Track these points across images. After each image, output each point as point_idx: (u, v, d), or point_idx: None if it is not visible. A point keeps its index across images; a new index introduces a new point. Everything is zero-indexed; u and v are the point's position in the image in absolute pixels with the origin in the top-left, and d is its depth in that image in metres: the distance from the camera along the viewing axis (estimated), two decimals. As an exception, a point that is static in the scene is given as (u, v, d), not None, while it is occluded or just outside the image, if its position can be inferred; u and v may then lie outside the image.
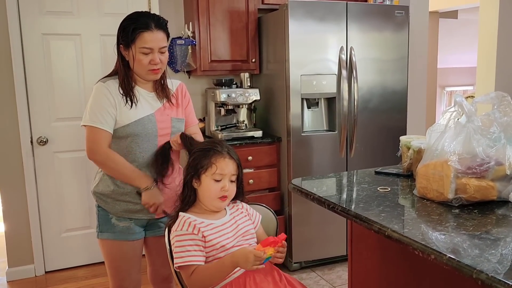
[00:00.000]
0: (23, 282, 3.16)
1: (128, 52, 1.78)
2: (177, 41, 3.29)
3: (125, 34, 1.76)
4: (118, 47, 1.81)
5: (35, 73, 3.10)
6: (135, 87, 1.83)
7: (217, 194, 1.53)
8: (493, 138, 1.39)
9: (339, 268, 3.23)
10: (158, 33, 1.76)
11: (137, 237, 1.90)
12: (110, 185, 1.84)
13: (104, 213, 1.87)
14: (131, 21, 1.77)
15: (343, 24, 3.08)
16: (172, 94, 1.92)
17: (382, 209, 1.40)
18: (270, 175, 3.19)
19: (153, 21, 1.77)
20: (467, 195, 1.37)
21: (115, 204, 1.85)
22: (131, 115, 1.79)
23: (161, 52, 1.78)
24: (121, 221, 1.86)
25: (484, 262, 1.00)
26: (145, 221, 1.91)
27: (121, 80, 1.80)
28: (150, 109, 1.83)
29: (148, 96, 1.85)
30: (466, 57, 7.90)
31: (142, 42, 1.74)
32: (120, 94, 1.79)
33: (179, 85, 1.99)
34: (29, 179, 3.13)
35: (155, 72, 1.80)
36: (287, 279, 1.51)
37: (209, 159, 1.54)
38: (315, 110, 3.23)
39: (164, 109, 1.87)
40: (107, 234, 1.87)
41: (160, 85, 1.88)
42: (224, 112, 3.28)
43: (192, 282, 1.47)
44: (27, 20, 3.04)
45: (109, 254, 1.89)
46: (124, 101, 1.79)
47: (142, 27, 1.74)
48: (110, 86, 1.79)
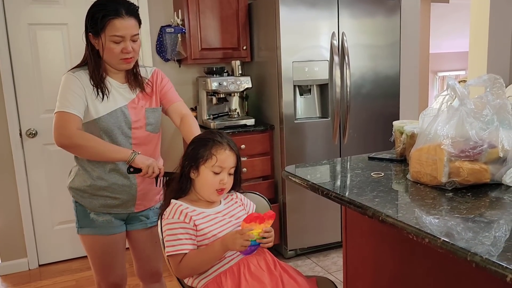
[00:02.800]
0: (16, 276, 3.15)
1: (98, 41, 1.68)
2: (167, 29, 3.24)
3: (94, 22, 1.66)
4: (86, 36, 1.72)
5: (22, 65, 3.05)
6: (106, 78, 1.75)
7: (215, 187, 1.51)
8: (486, 121, 1.38)
9: (334, 255, 3.24)
10: (130, 20, 1.67)
11: (118, 230, 1.85)
12: (86, 180, 1.77)
13: (81, 208, 1.81)
14: (99, 8, 1.67)
15: (335, 10, 3.05)
16: (147, 81, 1.84)
17: (376, 194, 1.39)
18: (264, 163, 3.18)
19: (123, 7, 1.67)
20: (461, 178, 1.36)
21: (93, 199, 1.78)
22: (102, 108, 1.71)
23: (133, 40, 1.69)
24: (100, 216, 1.80)
25: (478, 244, 1.00)
26: (125, 215, 1.87)
27: (91, 70, 1.72)
28: (122, 101, 1.76)
29: (120, 88, 1.78)
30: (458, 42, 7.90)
31: (112, 30, 1.64)
32: (90, 85, 1.70)
33: (153, 72, 1.90)
34: (19, 172, 3.10)
35: (127, 62, 1.71)
36: (282, 266, 1.50)
37: (210, 150, 1.50)
38: (308, 97, 3.22)
39: (138, 100, 1.80)
40: (87, 229, 1.81)
41: (133, 75, 1.80)
42: (215, 100, 3.26)
43: (181, 269, 1.46)
44: (12, 10, 2.98)
45: (91, 249, 1.84)
46: (96, 93, 1.71)
47: (112, 14, 1.64)
48: (80, 76, 1.71)
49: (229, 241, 1.41)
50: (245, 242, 1.39)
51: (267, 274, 1.44)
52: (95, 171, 1.76)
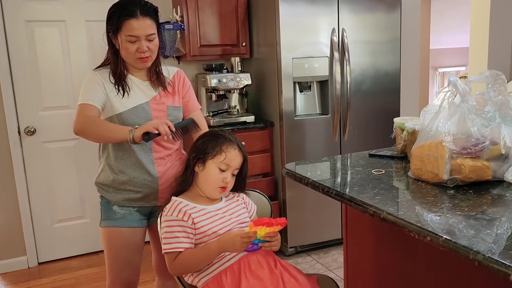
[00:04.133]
0: (16, 274, 3.14)
1: (116, 40, 1.74)
2: (165, 25, 3.22)
3: (112, 22, 1.72)
4: (108, 35, 1.77)
5: (20, 62, 3.03)
6: (127, 75, 1.80)
7: (218, 184, 1.51)
8: (487, 117, 1.37)
9: (335, 252, 3.23)
10: (145, 20, 1.71)
11: (138, 224, 1.87)
12: (110, 175, 1.82)
13: (106, 201, 1.86)
14: (117, 8, 1.72)
15: (335, 6, 3.03)
16: (168, 82, 1.87)
17: (377, 191, 1.38)
18: (263, 160, 3.16)
19: (139, 7, 1.71)
20: (462, 175, 1.35)
21: (117, 194, 1.82)
22: (123, 104, 1.75)
23: (149, 40, 1.73)
24: (122, 209, 1.83)
25: (480, 242, 0.99)
26: (148, 209, 1.88)
27: (113, 69, 1.77)
28: (144, 98, 1.80)
29: (142, 85, 1.82)
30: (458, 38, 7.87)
31: (127, 30, 1.69)
32: (111, 82, 1.76)
33: (176, 73, 1.93)
34: (18, 170, 3.09)
35: (143, 61, 1.75)
36: (282, 265, 1.50)
37: (220, 146, 1.52)
38: (308, 94, 3.20)
39: (160, 98, 1.83)
40: (108, 221, 1.84)
41: (155, 73, 1.83)
42: (215, 97, 3.24)
43: (175, 267, 1.46)
44: (9, 7, 2.96)
45: (109, 241, 1.85)
46: (116, 90, 1.75)
47: (127, 14, 1.69)
48: (102, 74, 1.77)
49: (227, 244, 1.40)
50: (245, 245, 1.38)
51: (267, 272, 1.43)
52: (117, 166, 1.80)
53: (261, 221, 1.41)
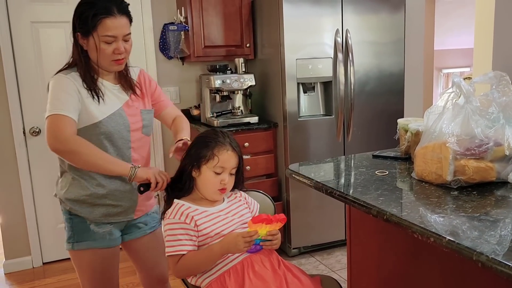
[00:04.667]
0: (20, 274, 3.16)
1: (88, 41, 1.58)
2: (170, 26, 3.24)
3: (83, 21, 1.56)
4: (74, 36, 1.61)
5: (25, 63, 3.05)
6: (98, 79, 1.66)
7: (216, 186, 1.51)
8: (491, 118, 1.37)
9: (338, 253, 3.23)
10: (121, 19, 1.58)
11: (118, 242, 1.76)
12: (85, 189, 1.64)
13: (79, 220, 1.68)
14: (88, 6, 1.56)
15: (338, 6, 3.03)
16: (135, 83, 1.76)
17: (381, 192, 1.38)
18: (267, 161, 3.17)
19: (115, 4, 1.57)
20: (466, 176, 1.35)
21: (93, 209, 1.66)
22: (101, 111, 1.61)
23: (125, 40, 1.61)
24: (101, 227, 1.69)
25: (484, 243, 0.99)
26: (123, 224, 1.77)
27: (82, 73, 1.61)
28: (118, 103, 1.67)
29: (114, 89, 1.69)
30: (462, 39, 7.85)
31: (104, 30, 1.55)
32: (84, 88, 1.60)
33: (139, 73, 1.82)
34: (23, 170, 3.10)
35: (119, 63, 1.63)
36: (286, 266, 1.50)
37: (212, 150, 1.49)
38: (311, 95, 3.20)
39: (132, 102, 1.72)
40: (86, 243, 1.68)
41: (124, 76, 1.72)
42: (219, 98, 3.25)
43: (178, 269, 1.46)
44: (15, 8, 2.97)
45: (90, 265, 1.71)
46: (91, 96, 1.60)
47: (103, 12, 1.54)
48: (74, 78, 1.60)
49: (230, 245, 1.40)
50: (247, 245, 1.38)
51: (271, 273, 1.43)
52: (94, 179, 1.64)
53: (260, 217, 1.40)
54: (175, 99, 3.48)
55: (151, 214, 1.88)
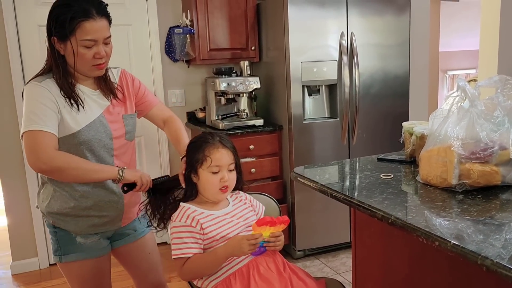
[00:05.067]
0: (27, 275, 3.18)
1: (65, 46, 1.48)
2: (175, 30, 3.26)
3: (60, 25, 1.45)
4: (49, 40, 1.51)
5: (32, 65, 3.07)
6: (76, 85, 1.55)
7: (217, 186, 1.51)
8: (496, 122, 1.37)
9: (343, 255, 3.23)
10: (101, 21, 1.48)
11: (106, 251, 1.71)
12: (67, 201, 1.57)
13: (64, 233, 1.61)
14: (65, 8, 1.46)
15: (343, 9, 3.04)
16: (116, 87, 1.66)
17: (385, 196, 1.39)
18: (272, 163, 3.18)
19: (93, 6, 1.47)
20: (471, 180, 1.35)
21: (78, 222, 1.60)
22: (80, 120, 1.53)
23: (105, 43, 1.51)
24: (88, 238, 1.63)
25: (489, 247, 0.99)
26: (111, 233, 1.72)
27: (59, 80, 1.51)
28: (98, 109, 1.59)
29: (93, 95, 1.60)
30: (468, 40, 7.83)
31: (83, 34, 1.45)
32: (61, 96, 1.50)
33: (121, 73, 1.71)
34: (30, 172, 3.13)
35: (100, 68, 1.54)
36: (291, 268, 1.50)
37: (203, 152, 1.50)
38: (316, 97, 3.21)
39: (113, 107, 1.63)
40: (74, 255, 1.62)
41: (103, 80, 1.62)
42: (224, 101, 3.26)
43: (184, 272, 1.47)
44: (22, 12, 3.01)
45: (80, 277, 1.65)
46: (69, 105, 1.51)
47: (82, 15, 1.44)
48: (49, 86, 1.49)
49: (234, 248, 1.40)
50: (252, 247, 1.39)
51: (276, 275, 1.44)
52: (77, 190, 1.58)
53: (264, 220, 1.41)
54: (181, 101, 3.50)
55: (140, 219, 1.83)
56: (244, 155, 3.01)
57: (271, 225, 1.41)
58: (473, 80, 6.51)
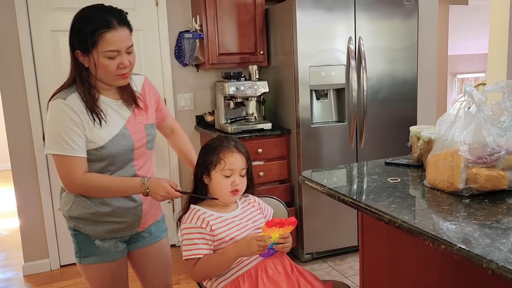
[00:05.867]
0: (39, 276, 3.22)
1: (88, 58, 1.48)
2: (185, 34, 3.30)
3: (82, 38, 1.45)
4: (73, 53, 1.51)
5: (45, 70, 3.13)
6: (99, 98, 1.56)
7: (228, 189, 1.54)
8: (503, 127, 1.38)
9: (351, 259, 3.23)
10: (123, 31, 1.48)
11: (124, 254, 1.74)
12: (87, 207, 1.60)
13: (84, 236, 1.65)
14: (86, 21, 1.46)
15: (351, 14, 3.06)
16: (138, 95, 1.66)
17: (392, 200, 1.40)
18: (280, 167, 3.19)
19: (114, 16, 1.47)
20: (478, 185, 1.36)
21: (97, 227, 1.63)
22: (103, 135, 1.54)
23: (128, 53, 1.52)
24: (106, 242, 1.67)
25: (495, 251, 1.00)
26: (128, 236, 1.74)
27: (83, 93, 1.51)
28: (121, 121, 1.59)
29: (115, 105, 1.60)
30: (477, 44, 7.79)
31: (106, 45, 1.45)
32: (85, 111, 1.52)
33: (144, 82, 1.72)
34: (42, 174, 3.18)
35: (124, 77, 1.53)
36: (299, 271, 1.52)
37: (218, 155, 1.53)
38: (324, 101, 3.22)
39: (135, 117, 1.63)
40: (93, 258, 1.66)
41: (126, 90, 1.62)
42: (233, 105, 3.29)
43: (195, 273, 1.50)
44: (35, 17, 3.06)
45: (98, 279, 1.70)
46: (92, 120, 1.52)
47: (103, 26, 1.44)
48: (72, 104, 1.50)
49: (244, 248, 1.43)
50: (261, 248, 1.41)
51: (284, 278, 1.46)
52: (97, 198, 1.61)
53: (273, 221, 1.43)
54: (190, 105, 3.54)
55: (157, 223, 1.84)
56: (252, 158, 2.99)
57: (280, 226, 1.43)
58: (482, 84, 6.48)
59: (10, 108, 3.09)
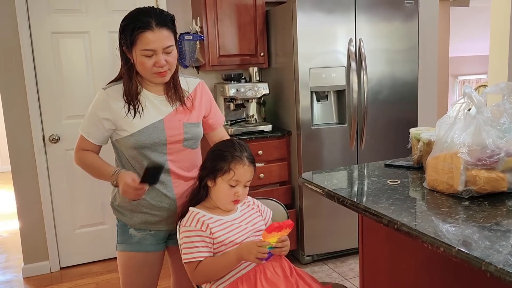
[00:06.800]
0: (39, 278, 3.22)
1: (131, 55, 1.60)
2: (185, 36, 3.29)
3: (125, 35, 1.58)
4: (121, 49, 1.63)
5: (45, 72, 3.14)
6: (142, 91, 1.66)
7: (230, 198, 1.54)
8: (503, 129, 1.38)
9: (351, 261, 3.23)
10: (161, 32, 1.56)
11: (155, 248, 1.76)
12: None
13: (122, 224, 1.76)
14: (130, 20, 1.58)
15: (352, 16, 3.06)
16: (188, 96, 1.73)
17: (392, 202, 1.39)
18: (281, 169, 3.19)
19: (154, 18, 1.57)
20: (477, 187, 1.35)
21: (133, 216, 1.72)
22: (135, 124, 1.63)
23: (166, 53, 1.59)
24: (139, 232, 1.74)
25: (494, 254, 1.00)
26: (166, 233, 1.78)
27: (126, 86, 1.64)
28: (157, 115, 1.66)
29: (157, 100, 1.68)
30: (478, 45, 7.79)
31: (143, 44, 1.55)
32: (122, 101, 1.63)
33: (197, 85, 1.79)
34: (42, 176, 3.18)
35: (161, 75, 1.61)
36: (298, 273, 1.52)
37: (228, 164, 1.52)
38: (325, 103, 3.22)
39: (176, 114, 1.69)
40: (123, 245, 1.75)
41: (173, 87, 1.69)
42: (233, 106, 3.29)
43: (196, 275, 1.50)
44: (36, 19, 3.07)
45: (123, 266, 1.76)
46: (126, 110, 1.63)
47: (142, 26, 1.54)
48: (110, 93, 1.65)
49: (244, 252, 1.43)
50: (261, 254, 1.41)
51: (283, 280, 1.45)
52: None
53: (272, 226, 1.43)
54: (190, 107, 3.54)
55: None
56: (252, 160, 3.02)
57: (278, 230, 1.43)
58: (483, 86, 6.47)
59: (11, 110, 3.09)
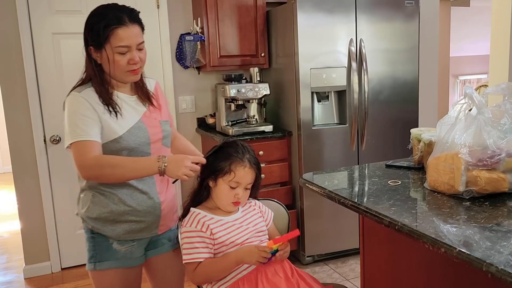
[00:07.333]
0: (40, 279, 3.23)
1: (101, 54, 1.54)
2: (186, 37, 3.30)
3: (95, 33, 1.52)
4: (87, 50, 1.57)
5: (46, 73, 3.14)
6: (113, 92, 1.60)
7: (230, 200, 1.54)
8: (504, 129, 1.38)
9: (352, 261, 3.23)
10: (134, 28, 1.54)
11: (141, 261, 1.71)
12: (106, 206, 1.59)
13: (102, 239, 1.63)
14: (99, 17, 1.53)
15: (352, 16, 3.06)
16: (151, 94, 1.71)
17: (393, 202, 1.40)
18: (281, 169, 3.19)
19: (126, 14, 1.53)
20: (478, 187, 1.36)
21: (116, 227, 1.61)
22: (120, 126, 1.57)
23: (139, 49, 1.57)
24: (123, 245, 1.64)
25: (495, 254, 1.00)
26: (147, 241, 1.71)
27: (97, 88, 1.56)
28: (136, 115, 1.62)
29: (130, 100, 1.64)
30: (479, 45, 7.78)
31: (117, 40, 1.50)
32: (101, 104, 1.55)
33: (156, 84, 1.78)
34: (43, 177, 3.18)
35: (135, 73, 1.58)
36: (299, 274, 1.52)
37: (229, 165, 1.51)
38: (325, 104, 3.22)
39: (150, 113, 1.67)
40: (109, 262, 1.62)
41: (140, 87, 1.67)
42: (234, 107, 3.29)
43: (196, 276, 1.50)
44: (37, 20, 3.07)
45: (111, 286, 1.65)
46: (108, 112, 1.55)
47: (115, 22, 1.50)
48: (88, 95, 1.55)
49: (245, 255, 1.43)
50: (262, 258, 1.41)
51: (284, 281, 1.45)
52: (115, 194, 1.59)
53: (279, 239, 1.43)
54: (191, 107, 3.54)
55: (174, 230, 1.81)
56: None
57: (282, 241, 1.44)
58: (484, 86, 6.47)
59: (12, 110, 3.09)
